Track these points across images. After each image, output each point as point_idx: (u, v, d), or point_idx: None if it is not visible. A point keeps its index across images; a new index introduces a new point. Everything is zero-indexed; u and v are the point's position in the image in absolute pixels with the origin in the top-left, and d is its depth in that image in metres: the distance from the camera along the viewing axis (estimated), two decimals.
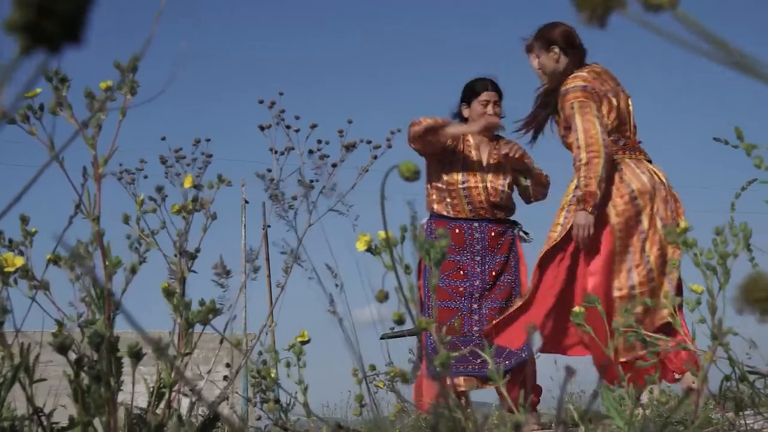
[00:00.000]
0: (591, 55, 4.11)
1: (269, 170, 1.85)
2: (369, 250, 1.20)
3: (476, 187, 4.43)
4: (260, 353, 1.87)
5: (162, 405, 1.56)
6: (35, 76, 0.35)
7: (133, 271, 1.49)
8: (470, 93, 4.52)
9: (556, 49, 4.05)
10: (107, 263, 1.44)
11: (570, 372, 0.86)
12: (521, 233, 4.54)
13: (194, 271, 1.63)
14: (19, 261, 1.58)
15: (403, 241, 1.11)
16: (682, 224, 1.42)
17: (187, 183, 1.70)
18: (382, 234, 1.10)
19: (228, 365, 2.04)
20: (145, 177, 1.71)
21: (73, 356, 1.42)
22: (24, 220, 1.63)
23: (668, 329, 3.54)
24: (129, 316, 0.61)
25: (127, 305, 1.47)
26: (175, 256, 1.62)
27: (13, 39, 0.32)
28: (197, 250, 1.65)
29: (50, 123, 1.40)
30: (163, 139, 1.75)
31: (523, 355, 4.10)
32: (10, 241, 1.62)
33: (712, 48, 0.46)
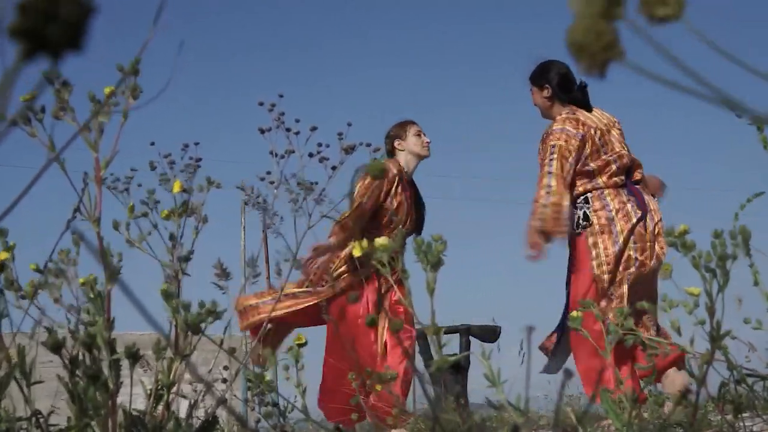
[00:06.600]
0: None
1: (269, 173, 1.86)
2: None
3: None
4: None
5: (160, 407, 1.55)
6: (39, 80, 0.36)
7: (112, 278, 1.46)
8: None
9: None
10: (107, 265, 1.44)
11: (568, 375, 0.86)
12: None
13: (188, 274, 1.63)
14: (3, 255, 1.56)
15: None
16: (682, 226, 1.42)
17: (176, 188, 1.70)
18: (380, 240, 1.10)
19: (226, 368, 2.03)
20: (139, 185, 1.70)
21: (67, 357, 1.42)
22: (2, 233, 1.57)
23: None
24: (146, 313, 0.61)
25: (120, 309, 1.46)
26: (170, 260, 1.62)
27: (16, 44, 0.32)
28: (190, 253, 1.64)
29: (50, 125, 1.40)
30: (152, 144, 1.75)
31: None
32: None
33: (699, 87, 0.46)
